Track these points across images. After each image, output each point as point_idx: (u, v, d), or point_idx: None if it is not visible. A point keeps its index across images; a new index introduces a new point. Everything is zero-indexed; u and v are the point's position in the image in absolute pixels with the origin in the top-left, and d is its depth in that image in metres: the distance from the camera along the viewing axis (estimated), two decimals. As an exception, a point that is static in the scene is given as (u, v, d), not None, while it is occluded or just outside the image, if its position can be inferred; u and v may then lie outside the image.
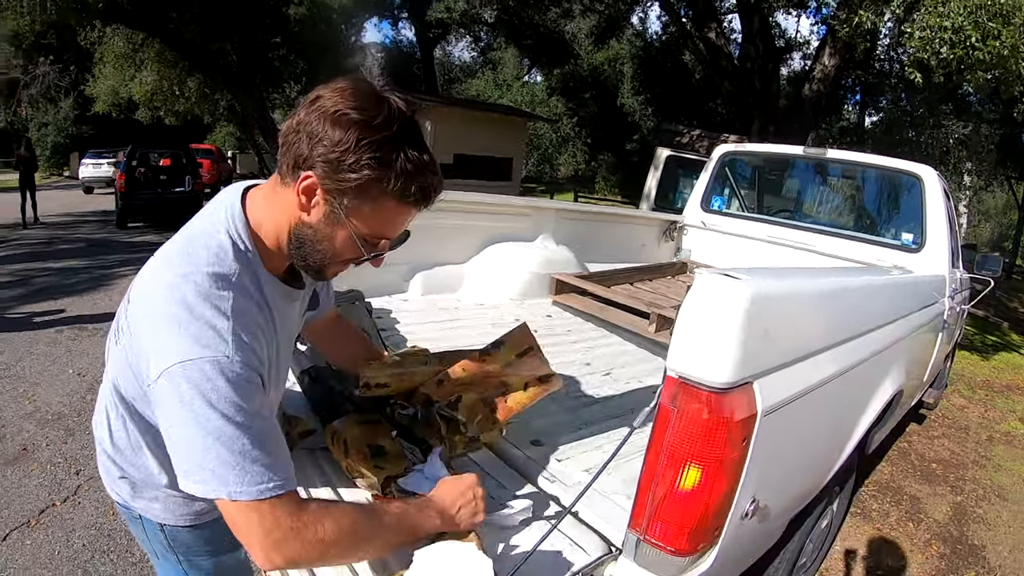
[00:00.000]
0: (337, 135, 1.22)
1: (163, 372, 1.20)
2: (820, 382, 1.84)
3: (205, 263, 1.28)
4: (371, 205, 1.29)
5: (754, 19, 14.70)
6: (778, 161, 6.25)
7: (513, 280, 4.39)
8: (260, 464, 1.22)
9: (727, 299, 1.41)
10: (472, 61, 44.17)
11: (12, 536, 3.93)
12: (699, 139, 12.07)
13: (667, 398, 1.46)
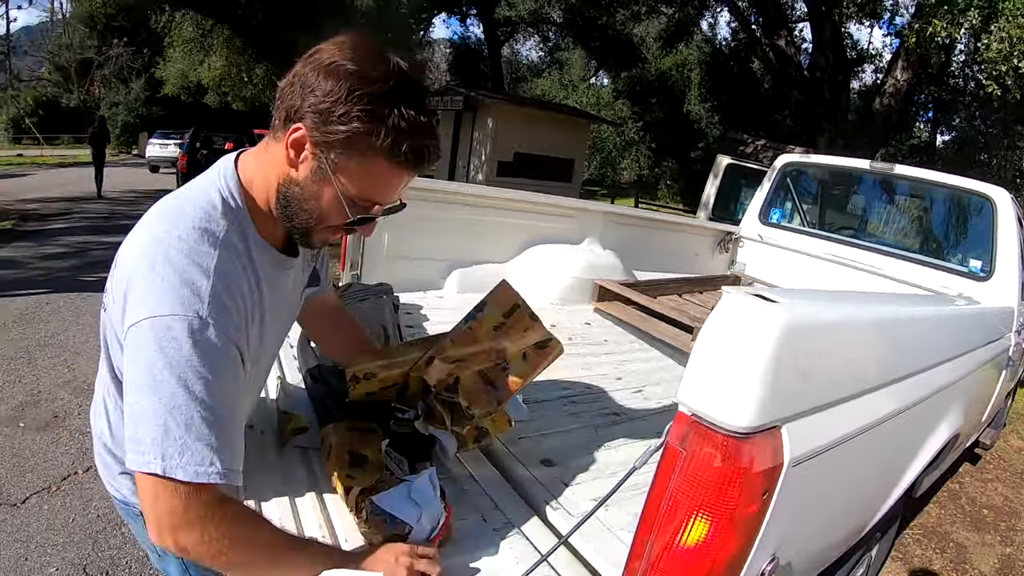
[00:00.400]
0: (329, 85, 1.15)
1: (132, 326, 1.14)
2: (866, 427, 1.57)
3: (192, 219, 1.21)
4: (359, 161, 1.20)
5: (825, 28, 14.34)
6: (842, 175, 5.93)
7: (554, 284, 4.24)
8: (205, 444, 1.13)
9: (757, 325, 1.16)
10: (539, 60, 44.21)
11: (31, 500, 4.07)
12: (764, 149, 11.78)
13: (676, 437, 1.23)
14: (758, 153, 11.59)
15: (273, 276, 1.37)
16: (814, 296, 1.43)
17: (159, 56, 33.70)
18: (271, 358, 1.61)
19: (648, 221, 5.40)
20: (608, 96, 35.54)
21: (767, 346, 1.15)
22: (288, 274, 1.45)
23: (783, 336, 1.15)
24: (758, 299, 1.20)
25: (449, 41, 43.87)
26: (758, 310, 1.18)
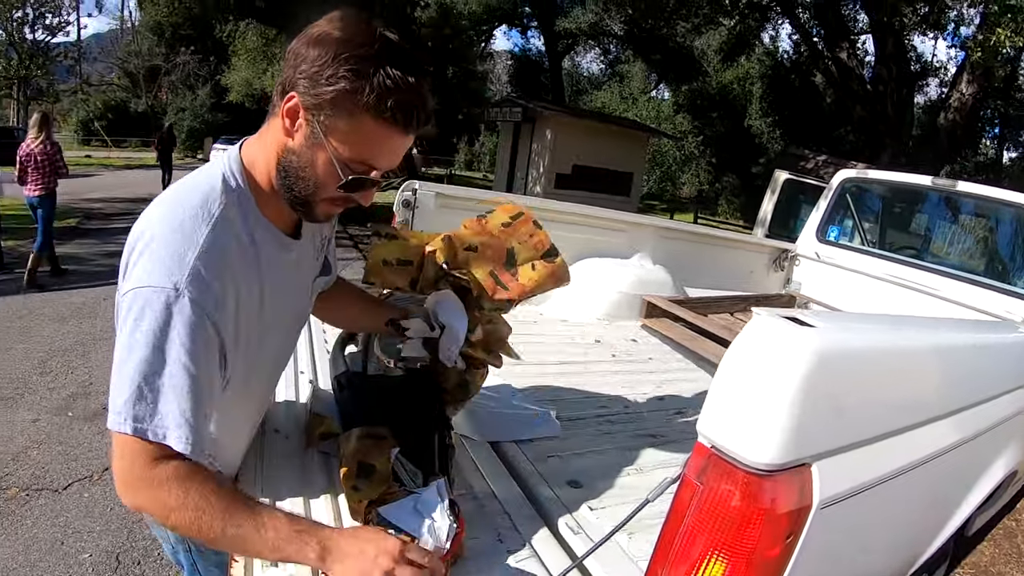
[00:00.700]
0: (317, 51, 1.20)
1: (123, 295, 1.21)
2: (912, 464, 1.43)
3: (192, 198, 1.27)
4: (347, 121, 1.22)
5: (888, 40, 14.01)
6: (903, 192, 5.69)
7: (601, 299, 4.16)
8: (174, 410, 1.19)
9: (787, 351, 1.04)
10: (600, 73, 44.16)
11: (73, 487, 4.27)
12: (825, 165, 11.56)
13: (694, 470, 1.13)
14: (819, 169, 11.36)
15: (276, 255, 1.40)
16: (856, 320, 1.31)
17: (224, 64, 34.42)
18: (282, 341, 1.60)
19: (701, 237, 5.28)
20: (668, 109, 35.29)
21: (797, 374, 1.03)
22: (292, 256, 1.47)
23: (816, 364, 1.04)
24: (789, 322, 1.09)
25: (510, 53, 44.10)
26: (788, 334, 1.07)
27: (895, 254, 5.11)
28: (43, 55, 47.60)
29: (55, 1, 46.88)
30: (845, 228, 5.50)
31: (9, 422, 5.02)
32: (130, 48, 52.59)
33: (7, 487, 4.21)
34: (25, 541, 3.72)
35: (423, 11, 24.05)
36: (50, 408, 5.30)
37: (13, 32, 45.24)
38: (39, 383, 5.78)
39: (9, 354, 6.38)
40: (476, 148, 49.28)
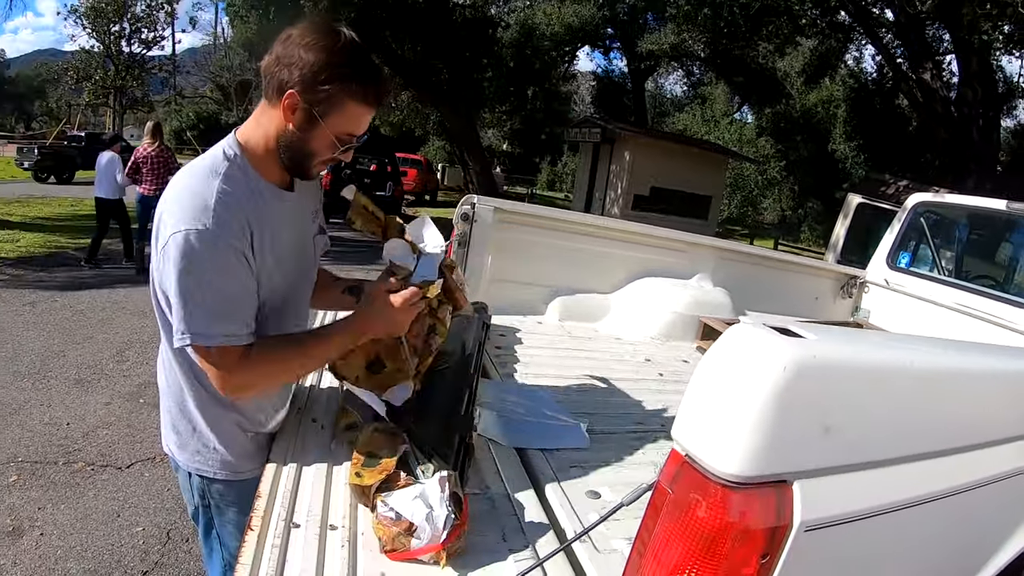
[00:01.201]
0: (311, 58, 1.58)
1: (164, 244, 1.54)
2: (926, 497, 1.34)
3: (201, 167, 1.66)
4: (339, 109, 1.65)
5: (972, 60, 13.54)
6: (980, 217, 5.41)
7: (656, 318, 4.15)
8: (222, 318, 1.58)
9: (758, 362, 1.01)
10: (683, 95, 43.82)
11: (135, 466, 4.58)
12: (906, 191, 11.26)
13: (667, 477, 1.11)
14: (899, 194, 11.07)
15: (275, 203, 1.76)
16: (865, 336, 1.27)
17: (314, 79, 35.23)
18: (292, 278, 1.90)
19: (763, 259, 5.16)
20: (751, 132, 34.82)
21: (769, 384, 1.00)
22: (288, 204, 1.82)
23: (795, 375, 1.00)
24: (768, 330, 1.06)
25: (593, 74, 44.04)
26: (764, 342, 1.04)
27: (970, 283, 4.87)
28: (139, 67, 49.44)
29: (151, 17, 48.63)
30: (918, 255, 5.31)
31: (83, 403, 5.40)
32: (222, 63, 54.41)
33: (75, 461, 4.54)
34: (85, 510, 4.01)
35: (504, 31, 24.25)
36: (122, 393, 5.65)
37: (110, 45, 47.16)
38: (115, 370, 6.18)
39: (90, 342, 6.85)
40: (559, 168, 49.35)
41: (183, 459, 1.91)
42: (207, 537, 2.03)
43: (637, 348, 3.81)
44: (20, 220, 14.28)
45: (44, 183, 23.89)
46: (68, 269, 10.23)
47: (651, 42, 31.81)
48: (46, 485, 4.23)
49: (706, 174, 21.15)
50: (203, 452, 1.88)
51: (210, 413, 1.84)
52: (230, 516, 1.95)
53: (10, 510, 3.93)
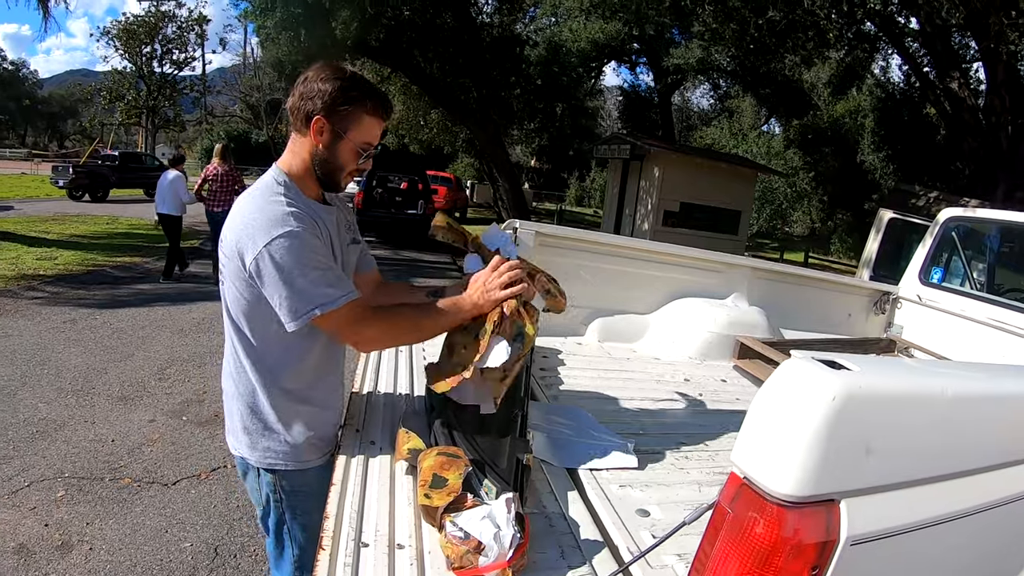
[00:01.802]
0: (329, 88, 1.97)
1: (256, 255, 1.84)
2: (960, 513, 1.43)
3: (264, 190, 2.00)
4: (357, 124, 2.04)
5: (999, 68, 13.40)
6: (1013, 231, 5.37)
7: (694, 338, 4.19)
8: (332, 287, 1.90)
9: (810, 394, 1.13)
10: (710, 108, 43.71)
11: (182, 483, 4.62)
12: (936, 202, 11.17)
13: (727, 498, 1.22)
14: (930, 206, 10.99)
15: (322, 213, 2.08)
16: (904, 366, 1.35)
17: (343, 99, 35.46)
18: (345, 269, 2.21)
19: (798, 278, 5.16)
20: (779, 145, 34.56)
21: (819, 414, 1.11)
22: (330, 217, 2.14)
23: (841, 405, 1.12)
24: (820, 364, 1.17)
25: (620, 89, 44.09)
26: (815, 376, 1.15)
27: (1004, 298, 4.83)
28: (170, 87, 50.31)
29: (182, 38, 49.42)
30: (951, 270, 5.29)
31: (127, 420, 5.49)
32: (252, 83, 55.10)
33: (121, 477, 4.61)
34: (132, 526, 4.08)
35: (532, 49, 24.38)
36: (166, 411, 5.74)
37: (143, 66, 48.00)
38: (157, 388, 6.27)
39: (131, 360, 6.97)
40: (587, 184, 49.33)
41: (255, 458, 2.13)
42: (278, 535, 2.25)
43: (676, 368, 3.86)
44: (57, 238, 14.56)
45: (79, 201, 24.38)
46: (106, 287, 10.44)
47: (677, 57, 31.85)
48: (93, 500, 4.30)
49: (735, 189, 21.07)
50: (274, 447, 2.11)
51: (282, 409, 2.08)
52: (301, 507, 2.17)
53: (59, 525, 4.01)
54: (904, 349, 4.94)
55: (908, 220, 9.32)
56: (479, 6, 21.29)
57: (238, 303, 2.00)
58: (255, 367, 2.05)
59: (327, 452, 2.20)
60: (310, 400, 2.14)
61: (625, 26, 27.98)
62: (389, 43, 17.84)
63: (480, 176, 37.24)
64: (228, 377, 2.14)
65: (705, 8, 13.41)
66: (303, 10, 14.60)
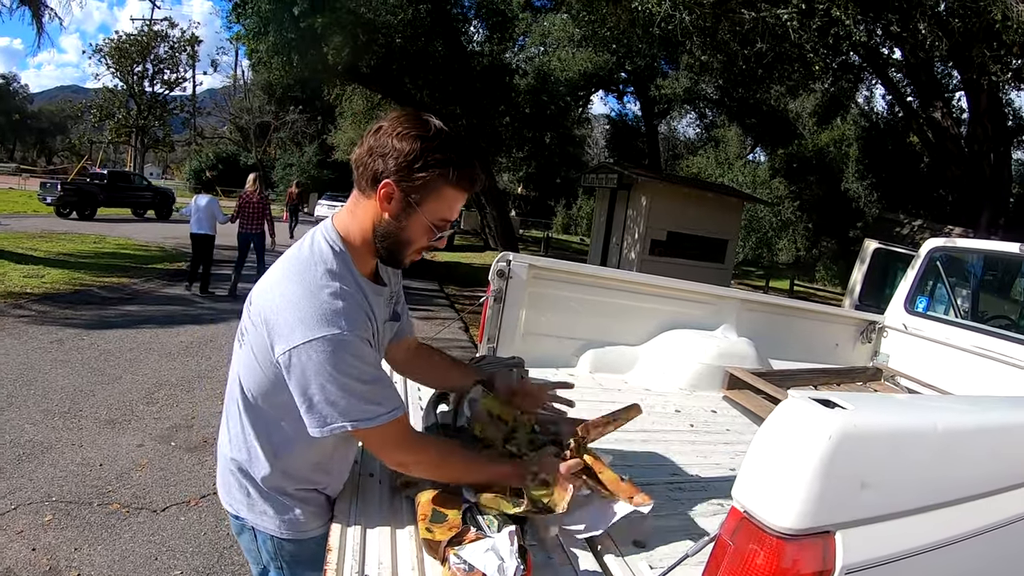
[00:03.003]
0: (405, 147, 1.65)
1: (292, 348, 1.60)
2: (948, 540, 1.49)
3: (316, 263, 1.71)
4: (435, 195, 1.72)
5: (981, 97, 13.60)
6: (995, 260, 5.55)
7: (684, 369, 4.22)
8: (373, 403, 1.67)
9: (808, 431, 1.19)
10: (696, 137, 44.01)
11: (171, 510, 4.56)
12: (920, 230, 11.29)
13: (728, 531, 1.28)
14: (914, 235, 11.12)
15: (374, 298, 1.83)
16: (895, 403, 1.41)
17: (331, 124, 35.83)
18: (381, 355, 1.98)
19: (786, 309, 5.27)
20: (764, 174, 34.86)
21: (817, 451, 1.17)
22: (382, 299, 1.91)
23: (837, 442, 1.18)
24: (817, 404, 1.23)
25: (607, 117, 44.42)
26: (812, 415, 1.21)
27: (988, 326, 4.95)
28: (160, 107, 50.32)
29: (174, 58, 49.58)
30: (935, 299, 5.40)
31: (115, 444, 5.45)
32: (242, 105, 55.32)
33: (110, 502, 4.56)
34: (122, 552, 4.04)
35: (522, 78, 24.57)
36: (154, 435, 5.69)
37: (133, 84, 48.10)
38: (145, 412, 6.22)
39: (119, 382, 6.91)
40: (573, 211, 49.52)
41: (251, 518, 1.93)
42: None
43: (667, 399, 3.90)
44: (44, 255, 14.49)
45: (66, 219, 24.29)
46: (93, 307, 10.37)
47: (665, 86, 32.17)
48: (81, 526, 4.25)
49: (722, 218, 21.17)
50: (271, 513, 1.90)
51: (281, 487, 1.88)
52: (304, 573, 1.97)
53: (46, 549, 3.96)
54: (891, 377, 5.01)
55: (893, 250, 9.43)
56: (469, 35, 21.45)
57: (254, 375, 1.78)
58: (254, 427, 1.84)
59: (328, 520, 1.94)
60: (314, 481, 1.93)
61: (614, 57, 28.26)
62: (380, 69, 17.98)
63: (467, 203, 37.25)
64: (227, 436, 1.95)
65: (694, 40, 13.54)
66: (295, 35, 14.68)
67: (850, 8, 10.38)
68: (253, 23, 15.02)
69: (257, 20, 14.87)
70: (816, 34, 11.04)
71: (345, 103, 23.92)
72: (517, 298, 3.91)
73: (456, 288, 17.11)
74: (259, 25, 14.90)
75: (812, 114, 32.25)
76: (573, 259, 21.54)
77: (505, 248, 20.71)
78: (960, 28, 10.91)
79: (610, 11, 13.45)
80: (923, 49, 13.75)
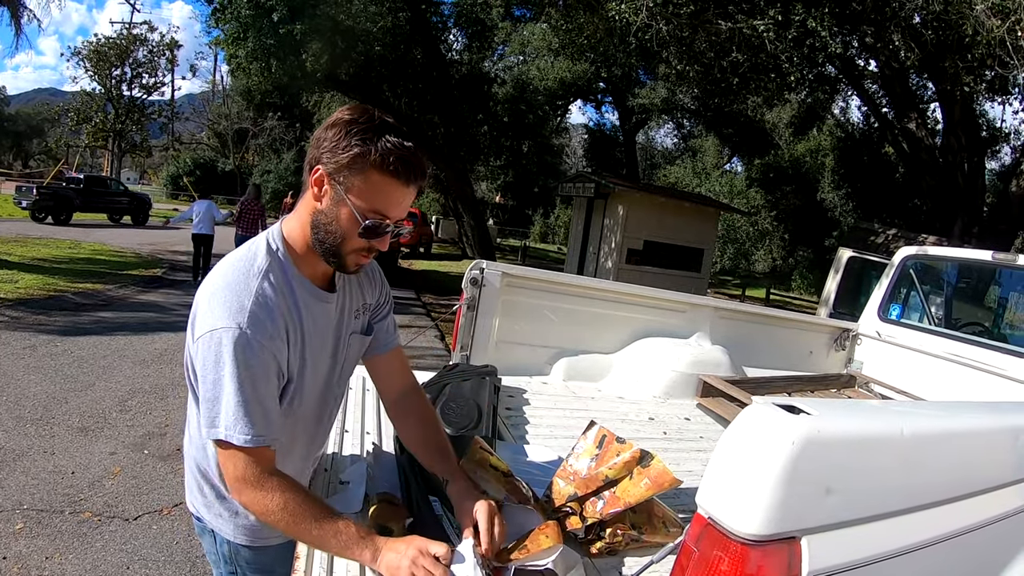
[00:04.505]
0: (333, 132, 1.59)
1: (200, 336, 1.55)
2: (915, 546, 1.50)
3: (243, 261, 1.65)
4: (361, 178, 1.58)
5: (955, 108, 13.76)
6: (968, 268, 5.64)
7: (658, 377, 4.23)
8: (250, 418, 1.52)
9: (771, 437, 1.18)
10: (674, 147, 44.21)
11: (143, 519, 4.51)
12: (895, 239, 11.37)
13: (692, 537, 1.27)
14: (889, 244, 11.22)
15: (312, 305, 1.74)
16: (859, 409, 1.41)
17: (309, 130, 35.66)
18: (324, 376, 1.88)
19: (760, 317, 5.30)
20: (741, 184, 35.14)
21: (780, 457, 1.17)
22: (327, 307, 1.80)
23: (801, 448, 1.17)
24: (779, 410, 1.23)
25: (585, 127, 44.56)
26: (776, 420, 1.21)
27: (960, 332, 5.04)
28: (138, 111, 50.02)
29: (152, 62, 49.32)
30: (908, 306, 5.47)
31: (88, 452, 5.38)
32: (220, 110, 55.10)
33: (82, 510, 4.51)
34: (93, 561, 3.99)
35: (500, 87, 24.64)
36: (127, 444, 5.63)
37: (111, 88, 47.78)
38: (118, 419, 6.15)
39: (92, 390, 6.84)
40: (551, 220, 49.63)
41: (209, 518, 1.89)
42: None
43: (640, 407, 3.90)
44: (18, 260, 14.32)
45: (41, 223, 24.03)
46: (67, 313, 10.27)
47: (642, 96, 32.32)
48: (53, 534, 4.20)
49: (698, 227, 21.28)
50: (226, 516, 1.86)
51: None
52: None
53: (17, 558, 3.91)
54: (864, 384, 5.06)
55: (866, 258, 9.51)
56: (449, 43, 21.48)
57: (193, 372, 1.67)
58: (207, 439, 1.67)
59: None
60: None
61: (592, 66, 28.38)
62: (359, 77, 17.96)
63: (445, 212, 37.36)
64: (187, 435, 1.92)
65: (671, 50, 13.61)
66: (275, 41, 14.64)
67: (826, 20, 10.47)
68: (232, 28, 14.98)
69: (236, 25, 14.82)
70: (792, 45, 11.14)
71: (324, 110, 23.90)
72: (490, 306, 3.91)
73: (433, 296, 17.10)
74: (238, 30, 14.86)
75: (789, 124, 32.57)
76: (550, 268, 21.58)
77: (482, 257, 20.74)
78: (933, 40, 11.04)
79: (587, 20, 13.51)
80: (898, 60, 13.93)
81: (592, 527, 1.94)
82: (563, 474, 2.04)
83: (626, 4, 10.74)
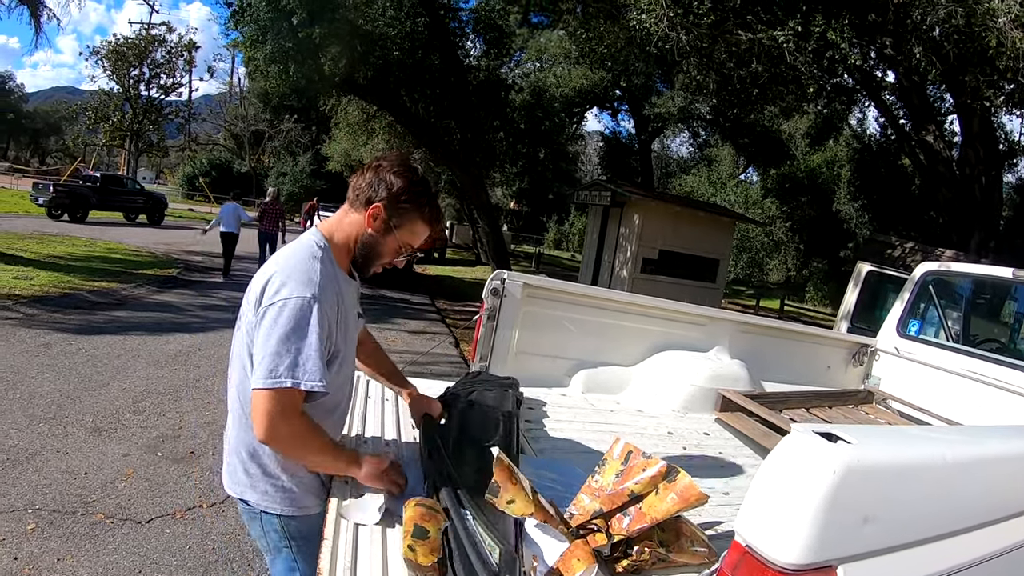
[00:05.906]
0: (398, 182, 2.16)
1: (272, 303, 1.95)
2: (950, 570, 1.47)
3: (303, 247, 2.13)
4: (409, 224, 2.23)
5: (973, 121, 13.65)
6: (988, 284, 5.56)
7: (677, 391, 4.22)
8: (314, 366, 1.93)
9: (813, 466, 1.17)
10: (689, 156, 44.07)
11: (155, 522, 4.48)
12: (912, 252, 11.28)
13: (729, 564, 1.25)
14: (906, 257, 11.13)
15: (345, 286, 2.20)
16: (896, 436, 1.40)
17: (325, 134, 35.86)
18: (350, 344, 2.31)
19: (778, 331, 5.25)
20: (757, 194, 34.93)
21: (821, 487, 1.16)
22: (352, 288, 2.28)
23: (841, 479, 1.16)
24: (819, 438, 1.22)
25: (601, 135, 44.50)
26: (817, 450, 1.20)
27: (979, 350, 4.97)
28: (156, 111, 50.29)
29: (170, 63, 49.61)
30: (927, 322, 5.41)
31: (101, 452, 5.36)
32: (237, 112, 55.28)
33: (94, 512, 4.48)
34: (105, 564, 3.97)
35: (517, 94, 24.59)
36: (140, 445, 5.60)
37: (129, 88, 48.05)
38: (132, 420, 6.12)
39: (106, 390, 6.82)
40: (566, 227, 49.60)
41: (255, 499, 2.15)
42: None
43: (659, 421, 3.89)
44: (34, 257, 14.38)
45: (58, 220, 24.20)
46: (82, 311, 10.27)
47: (659, 105, 32.21)
48: (64, 536, 4.18)
49: (714, 237, 21.14)
50: (271, 491, 2.14)
51: (270, 453, 2.11)
52: (311, 551, 2.09)
53: (29, 559, 3.89)
54: (882, 400, 5.02)
55: (885, 273, 9.44)
56: (466, 49, 21.44)
57: (246, 352, 2.06)
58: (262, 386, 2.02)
59: (325, 499, 2.18)
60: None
61: (609, 74, 28.32)
62: (376, 82, 17.94)
63: (460, 217, 37.38)
64: (231, 419, 2.21)
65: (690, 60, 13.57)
66: (293, 44, 14.63)
67: (846, 31, 10.41)
68: (251, 31, 14.98)
69: (255, 28, 14.82)
70: (811, 56, 11.08)
71: (340, 114, 23.87)
72: (511, 317, 3.91)
73: (447, 302, 17.08)
74: (257, 33, 14.85)
75: (805, 135, 32.39)
76: (564, 275, 21.48)
77: (496, 263, 20.72)
78: (954, 52, 10.96)
79: (607, 29, 13.46)
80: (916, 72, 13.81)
81: (618, 544, 1.93)
82: (588, 490, 2.09)
83: (647, 14, 10.71)
